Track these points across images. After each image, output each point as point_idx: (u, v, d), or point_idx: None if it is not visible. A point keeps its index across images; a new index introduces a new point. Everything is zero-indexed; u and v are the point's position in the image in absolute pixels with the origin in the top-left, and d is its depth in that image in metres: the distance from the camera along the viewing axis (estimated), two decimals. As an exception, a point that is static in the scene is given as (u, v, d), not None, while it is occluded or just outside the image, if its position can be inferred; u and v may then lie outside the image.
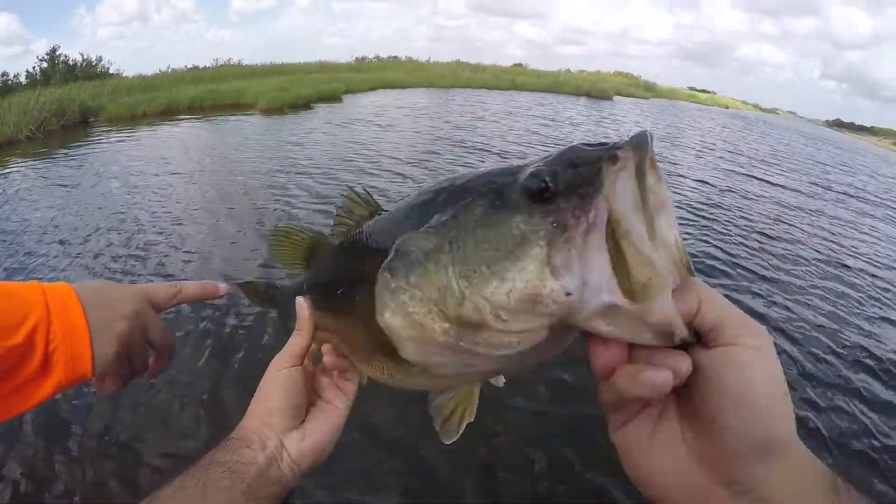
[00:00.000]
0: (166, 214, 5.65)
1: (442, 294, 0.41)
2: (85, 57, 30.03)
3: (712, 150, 13.81)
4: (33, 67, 29.75)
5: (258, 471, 0.60)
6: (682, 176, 8.80)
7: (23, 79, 29.34)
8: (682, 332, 0.36)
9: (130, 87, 18.72)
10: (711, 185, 8.43)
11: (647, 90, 43.06)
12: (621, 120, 18.60)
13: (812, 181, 10.87)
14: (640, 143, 0.38)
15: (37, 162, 9.95)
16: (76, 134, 13.80)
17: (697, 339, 0.38)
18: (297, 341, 0.70)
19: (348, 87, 20.10)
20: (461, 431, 0.58)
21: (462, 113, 15.96)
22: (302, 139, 9.82)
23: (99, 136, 13.03)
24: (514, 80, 30.39)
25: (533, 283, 0.38)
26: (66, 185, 7.35)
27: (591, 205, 0.37)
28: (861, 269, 5.53)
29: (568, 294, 0.37)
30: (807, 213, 7.75)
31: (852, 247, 6.34)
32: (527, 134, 11.96)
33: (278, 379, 0.67)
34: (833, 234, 6.80)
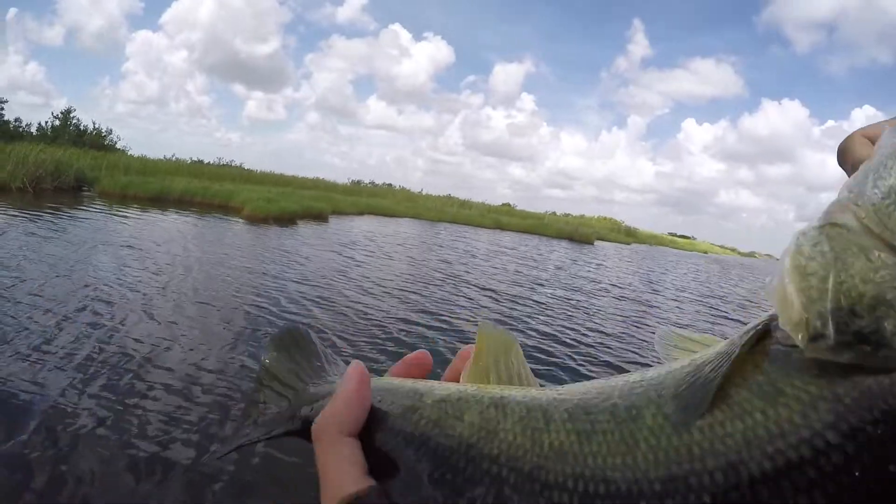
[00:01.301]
0: (142, 300, 5.95)
1: None
2: (96, 126, 31.45)
3: (688, 294, 15.09)
4: (46, 122, 31.02)
5: None
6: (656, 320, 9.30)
7: (34, 130, 30.58)
8: None
9: (129, 166, 19.52)
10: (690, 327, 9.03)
11: (629, 235, 45.54)
12: (603, 265, 19.77)
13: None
14: None
15: (24, 215, 10.48)
16: (67, 199, 14.39)
17: None
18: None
19: (336, 208, 20.97)
20: None
21: (448, 248, 16.84)
22: (281, 256, 10.31)
23: (89, 207, 13.57)
24: (500, 219, 31.72)
25: None
26: (48, 247, 7.69)
27: None
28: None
29: None
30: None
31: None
32: (512, 273, 12.59)
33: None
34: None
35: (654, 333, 0.41)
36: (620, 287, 13.93)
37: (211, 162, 35.54)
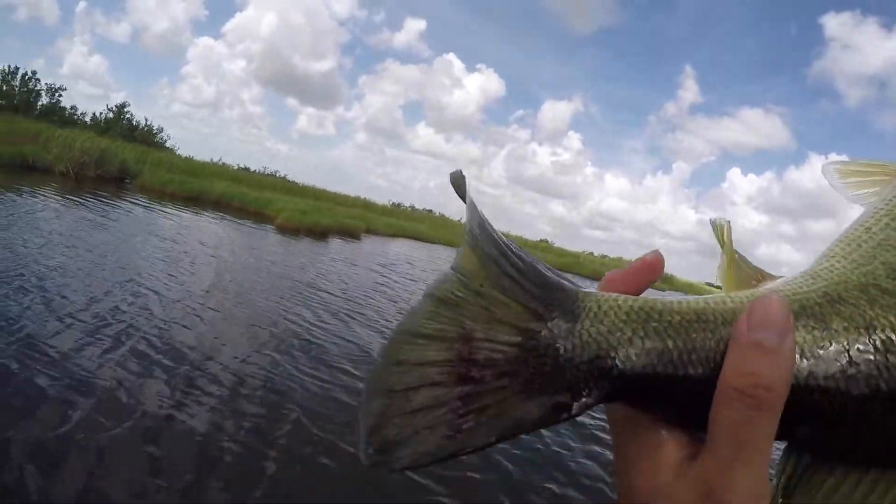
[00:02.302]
0: (166, 293, 5.85)
1: None
2: (148, 122, 32.42)
3: None
4: (100, 113, 32.12)
5: None
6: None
7: (88, 119, 31.64)
8: None
9: (172, 163, 19.77)
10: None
11: (664, 282, 44.40)
12: None
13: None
14: None
15: (62, 199, 10.50)
16: (108, 188, 14.48)
17: None
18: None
19: (370, 227, 20.77)
20: None
21: None
22: (307, 266, 10.05)
23: (128, 198, 13.63)
24: (536, 254, 31.50)
25: None
26: (79, 233, 7.66)
27: None
28: None
29: None
30: None
31: None
32: None
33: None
34: None
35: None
36: None
37: (256, 170, 36.28)
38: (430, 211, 43.30)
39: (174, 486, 2.73)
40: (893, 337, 0.30)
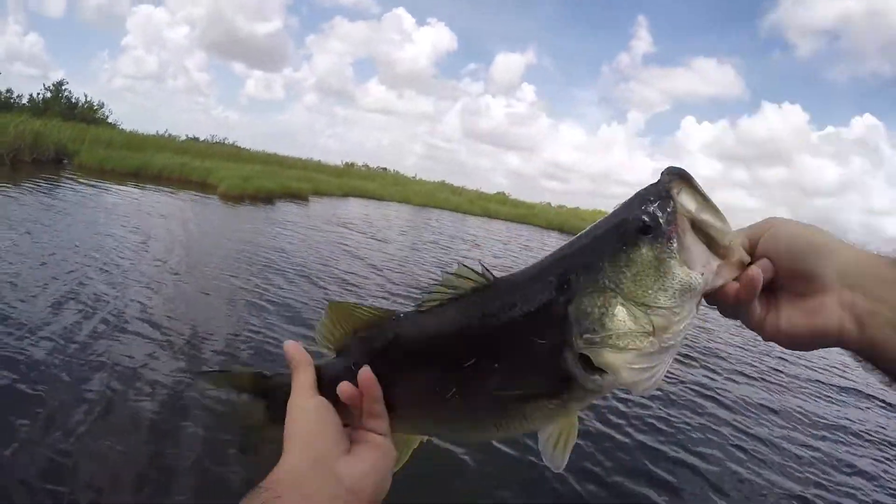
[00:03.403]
0: (116, 273, 6.17)
1: (635, 323, 0.56)
2: (88, 99, 31.28)
3: None
4: (37, 94, 30.86)
5: None
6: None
7: (25, 101, 30.47)
8: (746, 259, 0.58)
9: (112, 140, 19.45)
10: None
11: None
12: None
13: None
14: (677, 171, 0.58)
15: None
16: (45, 171, 14.32)
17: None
18: (302, 377, 0.66)
19: (317, 189, 20.87)
20: (567, 457, 0.63)
21: (434, 231, 17.18)
22: (246, 233, 10.44)
23: (66, 180, 13.53)
24: (488, 207, 31.31)
25: (684, 280, 0.55)
26: (23, 223, 7.72)
27: (677, 221, 0.56)
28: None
29: (701, 274, 0.56)
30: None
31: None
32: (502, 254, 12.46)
33: (308, 407, 0.64)
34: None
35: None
36: None
37: (205, 139, 35.62)
38: (385, 169, 43.20)
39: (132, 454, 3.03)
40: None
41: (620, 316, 0.56)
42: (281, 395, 0.69)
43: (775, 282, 0.59)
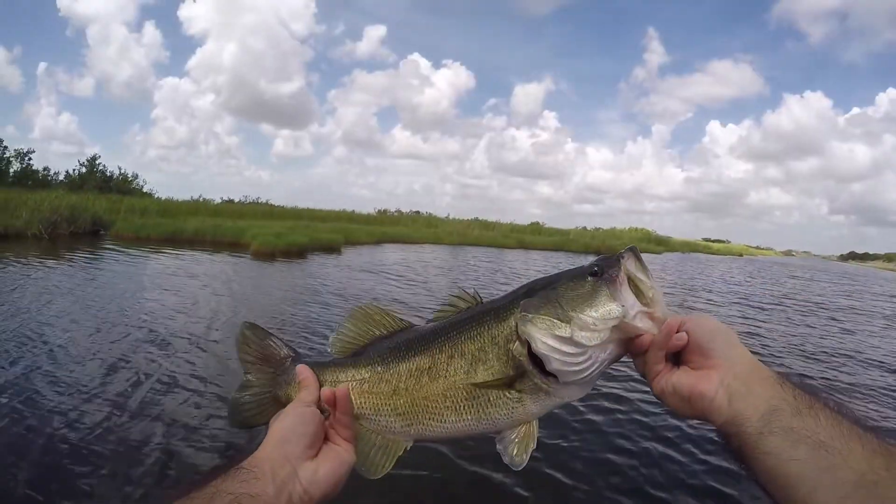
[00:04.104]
0: (161, 334, 6.10)
1: (562, 322, 0.75)
2: (122, 171, 32.53)
3: (726, 296, 14.97)
4: (73, 170, 32.20)
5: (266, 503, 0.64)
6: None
7: (62, 177, 31.75)
8: (668, 316, 0.76)
9: (146, 208, 19.84)
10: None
11: (660, 244, 44.36)
12: None
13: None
14: (630, 249, 0.79)
15: (38, 262, 10.57)
16: (83, 243, 14.64)
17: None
18: (304, 392, 0.82)
19: (349, 238, 20.79)
20: (528, 459, 0.77)
21: (471, 268, 17.06)
22: (274, 288, 10.14)
23: (103, 249, 13.69)
24: (523, 238, 31.28)
25: (607, 306, 0.74)
26: (66, 293, 7.78)
27: (618, 271, 0.76)
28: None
29: (622, 307, 0.74)
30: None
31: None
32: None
33: (295, 411, 0.78)
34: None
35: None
36: None
37: (239, 200, 36.42)
38: (418, 212, 43.22)
39: None
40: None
41: (554, 316, 0.75)
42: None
43: (682, 355, 0.74)
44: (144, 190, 32.47)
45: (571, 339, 0.73)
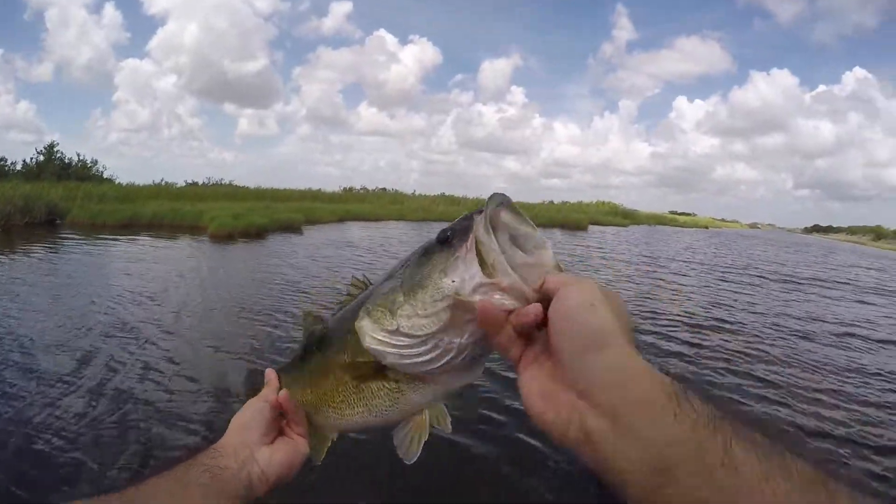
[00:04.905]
0: (97, 326, 6.06)
1: (397, 307, 0.67)
2: (81, 157, 31.77)
3: (692, 265, 15.59)
4: (31, 158, 31.36)
5: (232, 474, 0.77)
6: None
7: (20, 167, 30.96)
8: (530, 295, 0.59)
9: (104, 194, 19.60)
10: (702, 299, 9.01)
11: (626, 217, 44.99)
12: (593, 247, 20.74)
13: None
14: (491, 200, 0.63)
15: None
16: (38, 233, 14.47)
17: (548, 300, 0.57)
18: (266, 390, 0.91)
19: (310, 216, 20.81)
20: (419, 451, 0.73)
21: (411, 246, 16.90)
22: (230, 270, 10.45)
23: (59, 239, 13.60)
24: None
25: (437, 284, 0.63)
26: (26, 286, 7.76)
27: (466, 238, 0.62)
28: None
29: (453, 282, 0.62)
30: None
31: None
32: None
33: (253, 405, 0.88)
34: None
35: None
36: (607, 266, 14.18)
37: (203, 182, 35.92)
38: (384, 189, 43.15)
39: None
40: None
41: (387, 305, 0.69)
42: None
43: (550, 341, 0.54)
44: (105, 176, 31.89)
45: (398, 331, 0.67)
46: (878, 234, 70.20)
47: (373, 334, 0.70)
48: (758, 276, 14.65)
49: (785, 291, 12.33)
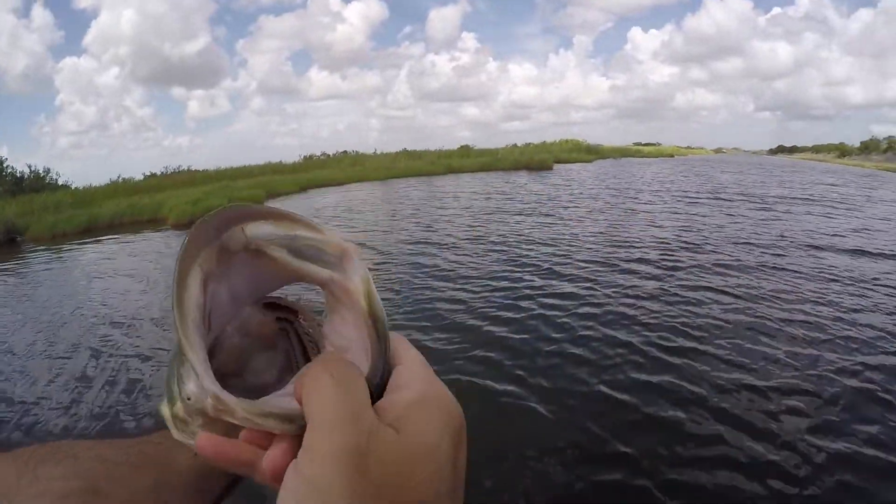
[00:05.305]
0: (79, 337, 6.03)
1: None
2: (32, 169, 30.81)
3: (660, 194, 16.53)
4: (-20, 180, 30.40)
5: None
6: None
7: (-29, 190, 30.06)
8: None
9: (60, 202, 19.33)
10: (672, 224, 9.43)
11: (590, 153, 45.44)
12: (559, 185, 21.38)
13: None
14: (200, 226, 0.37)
15: None
16: (2, 256, 13.92)
17: None
18: None
19: (271, 191, 20.79)
20: None
21: (399, 202, 17.37)
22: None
23: (22, 256, 13.45)
24: (451, 164, 31.57)
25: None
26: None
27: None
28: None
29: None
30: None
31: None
32: (451, 220, 12.02)
33: None
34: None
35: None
36: (575, 205, 14.49)
37: (161, 172, 35.25)
38: (345, 152, 42.53)
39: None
40: None
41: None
42: None
43: None
44: (60, 182, 31.18)
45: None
46: (841, 151, 71.71)
47: None
48: (726, 199, 15.21)
49: (753, 210, 12.85)
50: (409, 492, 0.30)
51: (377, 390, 0.36)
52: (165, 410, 0.41)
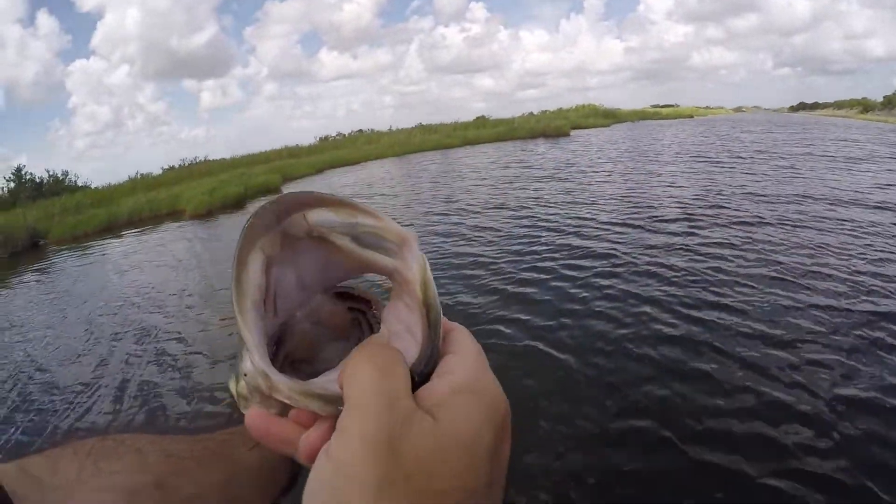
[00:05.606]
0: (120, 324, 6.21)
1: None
2: (51, 173, 30.97)
3: (680, 156, 15.89)
4: (1, 188, 30.67)
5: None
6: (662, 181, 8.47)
7: (-8, 198, 30.32)
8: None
9: (79, 203, 19.23)
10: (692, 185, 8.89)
11: (607, 117, 44.19)
12: (577, 151, 20.72)
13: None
14: (257, 216, 0.38)
15: None
16: (26, 260, 14.12)
17: None
18: None
19: (288, 175, 20.42)
20: None
21: (417, 178, 16.95)
22: (202, 250, 10.35)
23: (50, 260, 13.30)
24: (466, 135, 30.86)
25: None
26: (27, 313, 7.61)
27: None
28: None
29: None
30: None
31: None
32: (469, 189, 11.70)
33: None
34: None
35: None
36: (594, 170, 14.10)
37: (179, 165, 35.21)
38: (361, 131, 41.95)
39: None
40: None
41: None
42: None
43: None
44: (80, 184, 31.34)
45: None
46: (865, 106, 67.76)
47: None
48: (747, 159, 14.50)
49: (774, 170, 12.28)
50: (440, 481, 0.30)
51: (424, 378, 0.36)
52: (232, 386, 0.43)
